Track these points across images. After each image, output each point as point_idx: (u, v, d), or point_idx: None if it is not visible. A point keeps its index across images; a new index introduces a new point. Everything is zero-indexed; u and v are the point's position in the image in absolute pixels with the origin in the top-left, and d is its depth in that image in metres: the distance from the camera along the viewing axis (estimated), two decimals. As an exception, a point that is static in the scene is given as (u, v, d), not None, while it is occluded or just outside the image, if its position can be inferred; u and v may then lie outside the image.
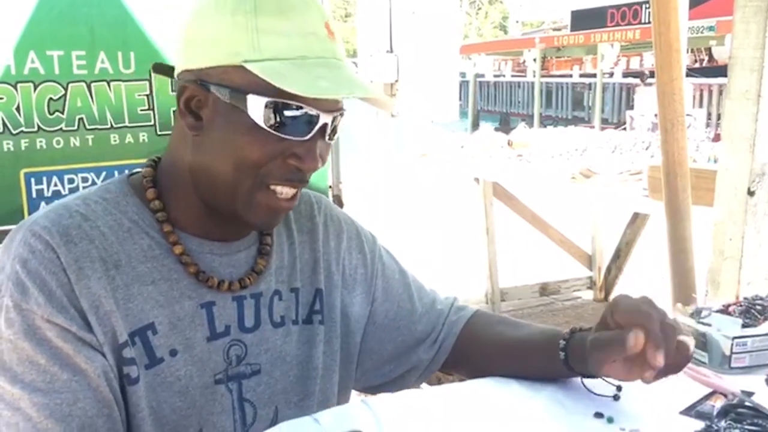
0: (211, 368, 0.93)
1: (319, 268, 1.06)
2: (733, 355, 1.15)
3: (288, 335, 1.00)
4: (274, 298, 1.00)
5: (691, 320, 1.21)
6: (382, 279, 1.12)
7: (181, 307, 0.91)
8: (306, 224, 1.08)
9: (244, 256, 0.98)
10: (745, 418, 0.99)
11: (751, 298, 1.24)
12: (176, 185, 0.94)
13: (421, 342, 1.12)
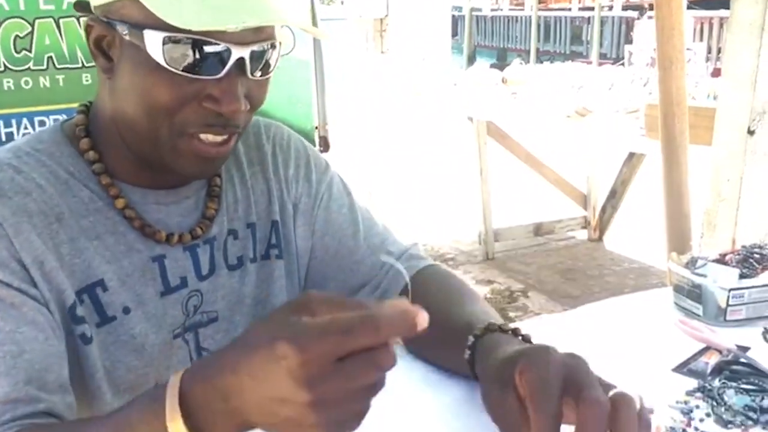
0: (169, 324, 0.89)
1: (273, 198, 1.00)
2: (729, 307, 1.09)
3: (246, 276, 0.95)
4: (229, 239, 0.94)
5: (685, 271, 1.15)
6: (325, 211, 1.04)
7: (130, 262, 0.86)
8: (255, 155, 1.01)
9: (193, 202, 0.92)
10: (741, 376, 0.93)
11: (749, 247, 1.17)
12: (107, 133, 0.87)
13: (363, 286, 1.04)
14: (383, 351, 0.55)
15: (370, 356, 0.54)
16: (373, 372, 0.55)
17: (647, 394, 0.88)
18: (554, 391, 0.64)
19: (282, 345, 0.53)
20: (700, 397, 0.89)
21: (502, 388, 0.70)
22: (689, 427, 0.82)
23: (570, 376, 0.66)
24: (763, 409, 0.85)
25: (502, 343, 0.78)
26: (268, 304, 0.97)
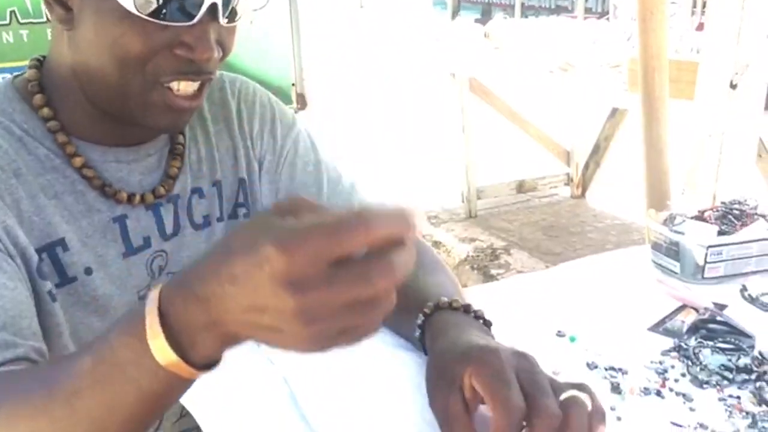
0: (134, 285, 0.86)
1: (239, 156, 0.96)
2: (707, 264, 1.07)
3: (212, 235, 0.93)
4: (194, 197, 0.92)
5: (663, 228, 1.13)
6: (290, 168, 1.01)
7: (90, 222, 0.83)
8: (220, 111, 0.97)
9: (155, 160, 0.89)
10: (717, 335, 0.92)
11: (729, 203, 1.15)
12: (64, 89, 0.83)
13: None
14: (381, 262, 0.48)
15: (366, 265, 0.48)
16: (367, 284, 0.48)
17: (623, 355, 0.87)
18: (514, 387, 0.62)
19: (265, 247, 0.48)
20: (676, 356, 0.88)
21: (449, 386, 0.67)
22: (664, 388, 0.81)
23: (522, 379, 0.63)
24: (739, 369, 0.83)
25: (450, 325, 0.74)
26: None
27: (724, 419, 0.75)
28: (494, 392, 0.62)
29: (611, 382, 0.82)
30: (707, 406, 0.78)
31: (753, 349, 0.88)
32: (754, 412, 0.76)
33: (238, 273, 0.49)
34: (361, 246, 0.48)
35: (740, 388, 0.81)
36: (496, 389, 0.62)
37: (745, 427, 0.74)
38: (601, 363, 0.85)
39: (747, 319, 0.95)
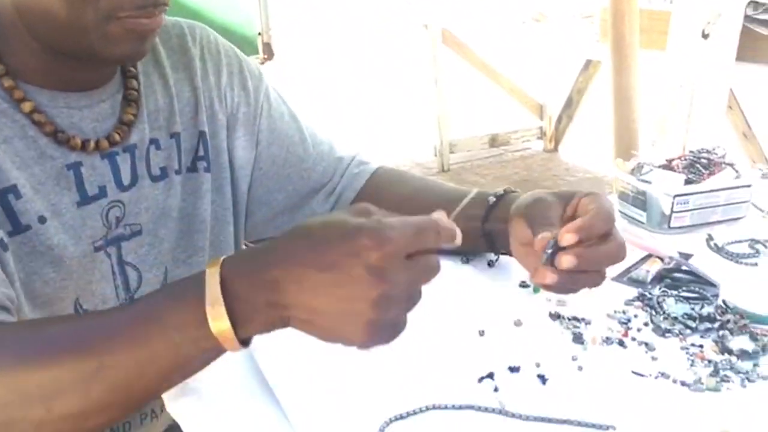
0: (89, 235, 0.83)
1: (200, 108, 0.93)
2: (674, 214, 1.06)
3: (171, 188, 0.90)
4: (151, 148, 0.89)
5: (630, 177, 1.11)
6: (268, 120, 0.99)
7: (43, 169, 0.80)
8: (180, 59, 0.93)
9: (108, 107, 0.85)
10: (682, 284, 0.91)
11: (697, 152, 1.14)
12: (7, 30, 0.79)
13: (316, 192, 1.02)
14: (436, 258, 0.59)
15: (431, 258, 0.58)
16: (433, 273, 0.59)
17: (586, 305, 0.86)
18: (613, 220, 0.73)
19: (361, 239, 0.55)
20: (639, 306, 0.87)
21: (558, 199, 0.77)
22: (626, 337, 0.80)
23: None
24: (702, 317, 0.82)
25: (518, 198, 0.83)
26: (195, 218, 0.93)
27: (686, 368, 0.74)
28: (603, 216, 0.72)
29: (573, 332, 0.80)
30: (669, 355, 0.76)
31: (717, 298, 0.87)
32: (716, 361, 0.75)
33: (334, 260, 0.55)
34: (431, 247, 0.58)
35: (703, 337, 0.80)
36: (607, 204, 0.74)
37: (707, 375, 0.73)
38: (565, 313, 0.84)
39: (712, 268, 0.94)
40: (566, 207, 0.77)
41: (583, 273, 0.72)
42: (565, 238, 0.70)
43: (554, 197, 0.78)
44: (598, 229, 0.72)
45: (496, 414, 0.67)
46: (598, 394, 0.70)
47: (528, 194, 0.82)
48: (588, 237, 0.71)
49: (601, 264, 0.73)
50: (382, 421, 0.65)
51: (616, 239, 0.73)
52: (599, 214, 0.73)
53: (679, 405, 0.69)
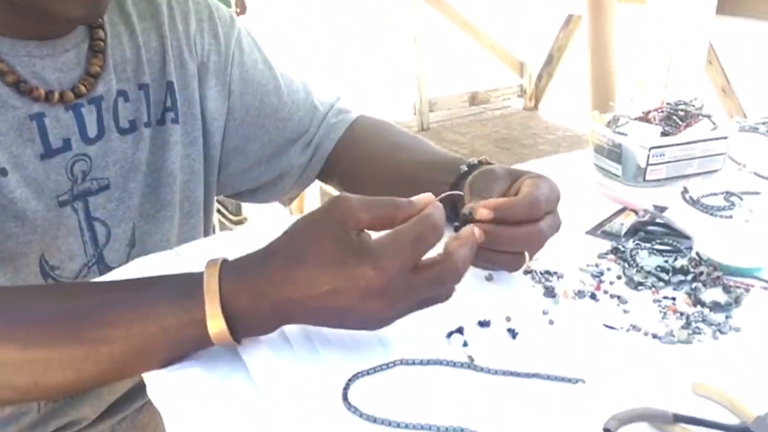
0: (52, 189, 0.81)
1: (168, 57, 0.90)
2: (649, 166, 1.04)
3: (140, 141, 0.88)
4: (119, 100, 0.86)
5: (606, 129, 1.09)
6: (240, 68, 0.96)
7: (4, 120, 0.77)
8: (147, 8, 0.90)
9: (73, 57, 0.82)
10: (656, 237, 0.89)
11: (674, 104, 1.12)
12: None
13: (293, 143, 1.00)
14: (450, 265, 0.61)
15: (438, 270, 0.61)
16: (440, 287, 0.62)
17: (559, 259, 0.84)
18: (544, 208, 0.71)
19: (361, 268, 0.58)
20: (613, 259, 0.85)
21: (508, 174, 0.75)
22: (598, 291, 0.78)
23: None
24: (676, 270, 0.81)
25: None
26: (163, 172, 0.91)
27: (658, 321, 0.73)
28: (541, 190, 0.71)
29: (545, 286, 0.79)
30: (641, 308, 0.75)
31: (691, 251, 0.86)
32: (688, 313, 0.74)
33: (337, 286, 0.59)
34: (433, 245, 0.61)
35: (675, 290, 0.79)
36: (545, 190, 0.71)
37: (678, 327, 0.72)
38: (537, 267, 0.82)
39: (687, 221, 0.93)
40: (512, 184, 0.75)
41: (495, 252, 0.70)
42: (479, 212, 0.69)
43: (505, 172, 0.76)
44: (518, 214, 0.69)
45: (465, 369, 0.66)
46: (569, 348, 0.69)
47: (492, 167, 0.79)
48: (504, 218, 0.69)
49: (512, 245, 0.71)
50: (347, 378, 0.63)
51: (537, 225, 0.71)
52: (527, 199, 0.70)
53: (650, 358, 0.68)
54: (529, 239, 0.71)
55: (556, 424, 0.59)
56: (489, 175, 0.76)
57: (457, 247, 0.63)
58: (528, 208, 0.70)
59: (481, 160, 0.85)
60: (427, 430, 0.58)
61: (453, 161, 0.87)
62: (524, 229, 0.70)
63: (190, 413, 0.61)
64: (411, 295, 0.61)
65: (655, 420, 0.58)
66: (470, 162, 0.85)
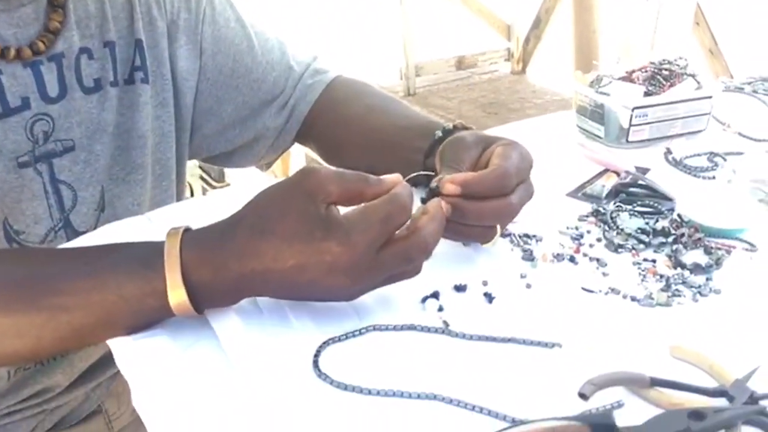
0: (11, 150, 0.79)
1: (136, 14, 0.87)
2: (632, 127, 1.02)
3: (106, 101, 0.85)
4: (82, 57, 0.83)
5: (589, 90, 1.06)
6: (212, 26, 0.93)
7: None
8: None
9: (31, 11, 0.79)
10: (637, 199, 0.88)
11: (658, 63, 1.09)
12: None
13: (268, 105, 0.97)
14: (419, 241, 0.61)
15: (406, 247, 0.60)
16: (408, 263, 0.61)
17: (538, 222, 0.82)
18: (514, 180, 0.69)
19: (328, 243, 0.57)
20: (593, 221, 0.83)
21: (479, 142, 0.73)
22: (578, 254, 0.77)
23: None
24: (656, 232, 0.79)
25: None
26: (133, 133, 0.88)
27: (637, 283, 0.72)
28: (511, 160, 0.69)
29: (524, 249, 0.77)
30: (621, 271, 0.74)
31: (672, 212, 0.84)
32: (668, 275, 0.72)
33: (302, 261, 0.57)
34: (401, 224, 0.61)
35: (656, 252, 0.77)
36: (516, 160, 0.69)
37: (658, 290, 0.70)
38: (515, 230, 0.80)
39: (669, 182, 0.91)
40: (484, 152, 0.72)
41: (465, 226, 0.68)
42: (446, 187, 0.66)
43: (476, 140, 0.73)
44: (486, 188, 0.67)
45: (439, 334, 0.64)
46: (546, 312, 0.67)
47: (465, 133, 0.76)
48: (472, 193, 0.67)
49: (481, 220, 0.69)
50: (318, 345, 0.62)
51: (507, 199, 0.69)
52: (495, 172, 0.68)
53: (628, 321, 0.66)
54: (498, 213, 0.69)
55: (532, 389, 0.58)
56: (459, 144, 0.73)
57: (426, 223, 0.62)
58: (497, 181, 0.67)
59: (456, 125, 0.82)
60: (399, 397, 0.57)
61: (428, 126, 0.84)
62: (493, 204, 0.68)
63: (156, 381, 0.59)
64: (378, 272, 0.60)
65: (632, 384, 0.57)
66: (445, 127, 0.82)
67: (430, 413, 0.55)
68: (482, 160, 0.71)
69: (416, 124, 0.87)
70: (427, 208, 0.64)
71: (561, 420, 0.52)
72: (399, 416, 0.55)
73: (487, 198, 0.67)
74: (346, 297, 0.63)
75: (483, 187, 0.67)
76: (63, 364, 0.89)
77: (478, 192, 0.67)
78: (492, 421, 0.55)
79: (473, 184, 0.67)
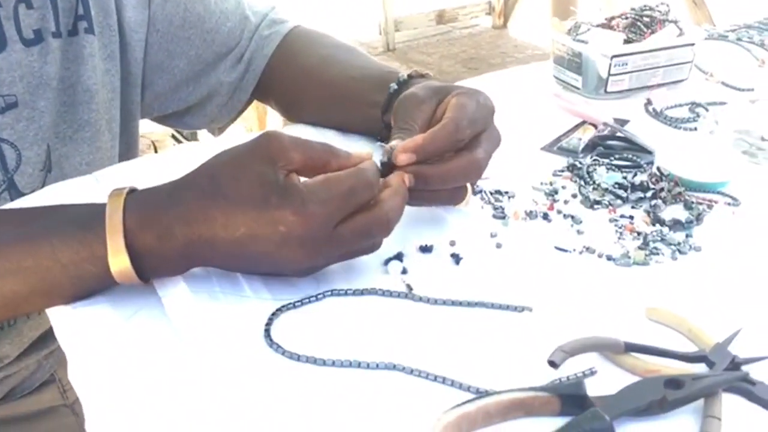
0: None
1: None
2: (611, 77, 0.97)
3: (48, 53, 0.79)
4: (20, 6, 0.77)
5: (566, 38, 1.01)
6: None
7: None
8: None
9: None
10: (615, 152, 0.83)
11: (639, 9, 1.04)
12: None
13: (222, 58, 0.91)
14: (379, 217, 0.57)
15: (366, 222, 0.56)
16: (368, 239, 0.58)
17: (510, 177, 0.78)
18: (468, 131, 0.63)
19: (282, 211, 0.53)
20: (568, 176, 0.79)
21: (433, 95, 0.67)
22: (551, 210, 0.73)
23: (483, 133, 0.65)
24: (635, 187, 0.75)
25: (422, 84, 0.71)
26: (78, 88, 0.82)
27: (613, 242, 0.68)
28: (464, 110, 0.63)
29: (495, 206, 0.73)
30: (596, 229, 0.70)
31: (651, 166, 0.80)
32: (646, 233, 0.68)
33: (254, 230, 0.53)
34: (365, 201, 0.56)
35: (634, 208, 0.73)
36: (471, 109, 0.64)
37: (635, 248, 0.66)
38: (486, 187, 0.76)
39: (649, 134, 0.87)
40: (439, 105, 0.66)
41: (432, 192, 0.63)
42: (399, 158, 0.61)
43: (429, 93, 0.67)
44: (439, 146, 0.62)
45: (402, 299, 0.60)
46: (516, 274, 0.63)
47: (418, 86, 0.70)
48: (429, 156, 0.61)
49: (447, 183, 0.63)
50: (270, 312, 0.57)
51: (471, 154, 0.63)
52: (447, 127, 0.62)
53: (603, 282, 0.62)
54: (464, 172, 0.64)
55: (499, 357, 0.54)
56: (412, 100, 0.67)
57: (388, 197, 0.57)
58: (449, 136, 0.62)
59: (412, 74, 0.77)
60: (355, 367, 0.53)
61: (384, 77, 0.79)
62: (457, 163, 0.63)
63: (95, 354, 0.55)
64: (334, 247, 0.56)
65: (605, 350, 0.53)
66: (400, 78, 0.77)
67: (389, 385, 0.51)
68: (437, 115, 0.66)
69: (371, 75, 0.82)
70: (389, 182, 0.59)
71: (528, 391, 0.48)
72: (355, 388, 0.51)
73: (448, 158, 0.63)
74: (298, 272, 0.58)
75: (436, 146, 0.62)
76: (11, 334, 0.85)
77: (433, 152, 0.62)
78: (455, 392, 0.51)
79: (426, 145, 0.61)
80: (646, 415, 0.48)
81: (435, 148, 0.62)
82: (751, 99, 0.98)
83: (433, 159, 0.62)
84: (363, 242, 0.58)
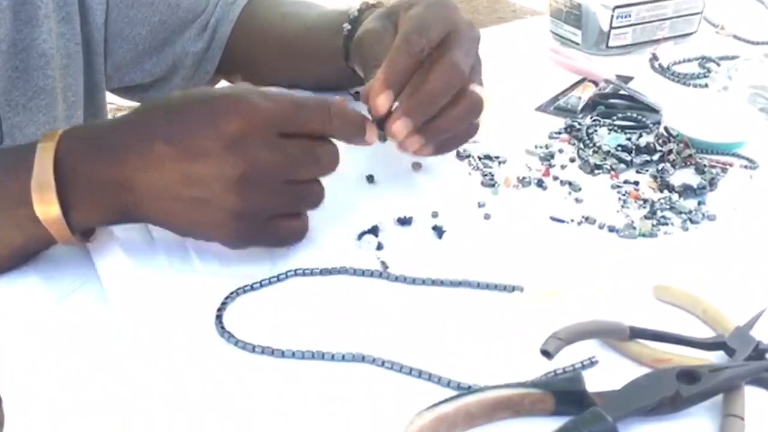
0: None
1: None
2: (613, 30, 0.90)
3: None
4: None
5: (564, -12, 0.93)
6: None
7: None
8: None
9: None
10: (618, 111, 0.76)
11: (643, -44, 0.96)
12: None
13: (187, 26, 0.86)
14: (330, 147, 0.52)
15: (313, 145, 0.51)
16: (313, 163, 0.51)
17: (502, 140, 0.71)
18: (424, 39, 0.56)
19: (224, 105, 0.49)
20: (566, 139, 0.72)
21: (389, 23, 0.61)
22: (547, 177, 0.65)
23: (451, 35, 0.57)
24: (640, 149, 0.68)
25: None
26: (32, 52, 0.76)
27: (616, 210, 0.61)
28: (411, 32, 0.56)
29: (483, 173, 0.65)
30: (597, 197, 0.63)
31: (658, 126, 0.73)
32: (653, 200, 0.62)
33: (187, 130, 0.49)
34: (317, 131, 0.51)
35: (639, 172, 0.66)
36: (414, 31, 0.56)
37: (641, 218, 0.59)
38: (475, 151, 0.69)
39: (655, 92, 0.80)
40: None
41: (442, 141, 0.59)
42: (377, 104, 0.55)
43: (383, 22, 0.62)
44: (405, 67, 0.55)
45: (376, 278, 0.53)
46: (506, 249, 0.56)
47: (368, 20, 0.65)
48: (401, 84, 0.55)
49: (432, 104, 0.56)
50: (224, 294, 0.50)
51: (442, 60, 0.56)
52: (399, 45, 0.56)
53: (605, 256, 0.55)
54: (445, 81, 0.56)
55: (485, 346, 0.47)
56: (369, 38, 0.62)
57: (339, 123, 0.52)
58: (406, 51, 0.55)
59: (362, 7, 0.71)
60: (318, 359, 0.46)
61: (337, 19, 0.74)
62: (432, 78, 0.55)
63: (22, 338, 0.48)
64: (275, 159, 0.49)
65: (608, 336, 0.47)
66: (350, 16, 0.71)
67: (357, 380, 0.45)
68: (398, 39, 0.59)
69: (326, 20, 0.77)
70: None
71: (517, 387, 0.41)
72: (317, 384, 0.44)
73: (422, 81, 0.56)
74: (233, 229, 0.51)
75: (399, 69, 0.55)
76: None
77: (401, 78, 0.55)
78: (434, 388, 0.44)
79: (389, 77, 0.55)
80: (656, 414, 0.41)
81: (398, 72, 0.55)
82: (766, 53, 0.91)
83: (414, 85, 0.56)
84: (308, 167, 0.51)
